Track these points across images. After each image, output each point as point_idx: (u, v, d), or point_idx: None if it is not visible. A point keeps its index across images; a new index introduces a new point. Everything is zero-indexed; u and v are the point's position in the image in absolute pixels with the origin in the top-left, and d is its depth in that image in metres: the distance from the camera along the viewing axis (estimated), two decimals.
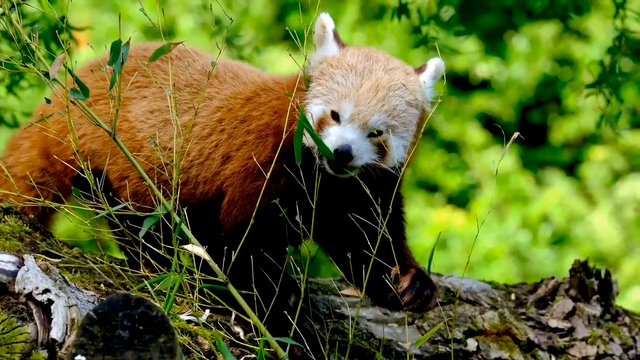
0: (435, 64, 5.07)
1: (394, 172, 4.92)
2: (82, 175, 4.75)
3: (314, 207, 4.77)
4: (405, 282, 4.93)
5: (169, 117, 5.23)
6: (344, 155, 4.79)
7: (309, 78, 4.96)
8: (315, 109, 4.91)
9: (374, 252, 4.79)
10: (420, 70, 5.07)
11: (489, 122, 13.92)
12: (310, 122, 4.86)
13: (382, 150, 4.90)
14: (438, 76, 5.08)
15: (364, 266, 4.83)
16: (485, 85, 14.24)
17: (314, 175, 4.80)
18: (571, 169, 14.27)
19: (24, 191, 5.36)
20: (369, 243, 4.84)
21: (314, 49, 5.05)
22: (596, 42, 13.68)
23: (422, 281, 4.94)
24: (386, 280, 4.92)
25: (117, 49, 4.63)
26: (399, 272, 4.94)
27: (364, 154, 4.85)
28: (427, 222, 12.88)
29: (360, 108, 4.85)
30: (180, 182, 5.03)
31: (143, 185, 5.19)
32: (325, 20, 5.05)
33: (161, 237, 4.72)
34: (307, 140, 4.84)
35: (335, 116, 4.88)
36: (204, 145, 5.18)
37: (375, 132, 4.87)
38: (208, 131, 5.20)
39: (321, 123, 4.89)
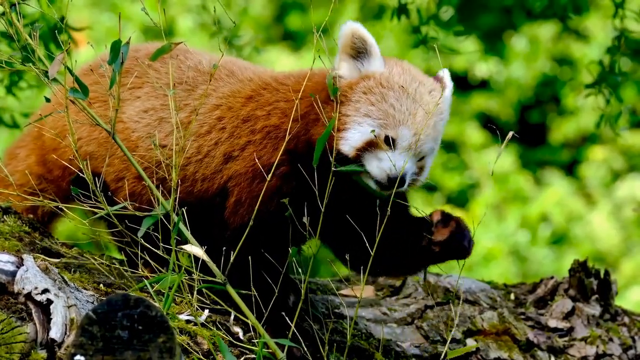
0: (449, 79, 5.15)
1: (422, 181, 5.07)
2: (81, 175, 4.76)
3: (322, 209, 4.79)
4: (441, 235, 5.01)
5: (164, 115, 5.24)
6: (394, 181, 4.85)
7: (336, 85, 4.93)
8: (366, 129, 4.90)
9: (378, 234, 4.80)
10: (440, 84, 5.12)
11: (488, 122, 13.93)
12: (356, 139, 4.88)
13: (421, 169, 5.03)
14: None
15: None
16: (484, 85, 14.25)
17: (326, 177, 4.81)
18: (570, 169, 14.28)
19: (22, 199, 5.36)
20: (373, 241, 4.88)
21: (338, 52, 5.02)
22: (595, 41, 13.69)
23: (461, 233, 5.02)
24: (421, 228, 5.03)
25: (116, 49, 4.63)
26: (439, 218, 5.03)
27: (410, 179, 4.93)
28: None
29: (418, 137, 4.90)
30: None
31: (140, 185, 5.20)
32: (363, 32, 4.98)
33: (160, 237, 4.72)
34: (342, 149, 4.88)
35: (389, 142, 4.89)
36: (202, 142, 5.18)
37: (422, 156, 4.98)
38: (206, 129, 5.19)
39: (371, 145, 4.89)
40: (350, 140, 4.88)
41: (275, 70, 5.50)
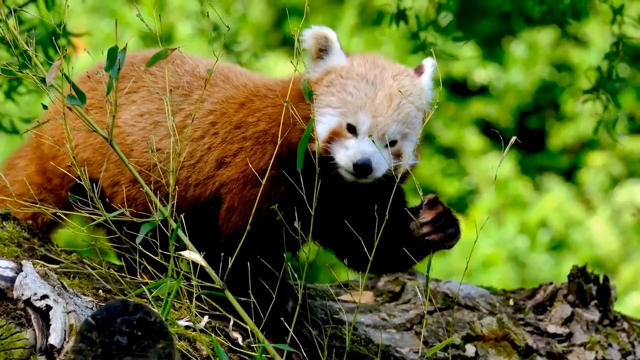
0: (431, 65, 5.11)
1: (407, 174, 4.97)
2: (79, 182, 4.75)
3: (312, 213, 4.78)
4: (428, 215, 4.98)
5: (159, 119, 5.26)
6: (364, 169, 4.82)
7: (310, 88, 4.94)
8: (328, 120, 4.91)
9: (379, 232, 4.80)
10: (418, 71, 5.10)
11: (487, 128, 13.94)
12: (324, 132, 4.89)
13: (398, 157, 4.95)
14: (433, 76, 5.11)
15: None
16: (483, 91, 14.25)
17: (314, 180, 4.81)
18: (569, 175, 14.28)
19: (20, 209, 5.36)
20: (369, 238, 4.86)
21: (309, 57, 5.06)
22: (594, 47, 13.70)
23: (448, 219, 5.00)
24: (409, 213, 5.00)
25: (113, 56, 4.63)
26: (426, 202, 4.99)
27: (382, 164, 4.88)
28: None
29: (378, 120, 4.86)
30: (168, 184, 5.04)
31: (134, 189, 5.21)
32: (326, 31, 5.04)
33: (158, 243, 4.72)
34: (317, 148, 4.85)
35: (352, 129, 4.88)
36: (196, 147, 5.19)
37: (392, 142, 4.91)
38: (200, 133, 5.21)
39: (335, 135, 4.89)
40: (318, 135, 4.89)
41: (272, 76, 5.52)
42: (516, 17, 13.05)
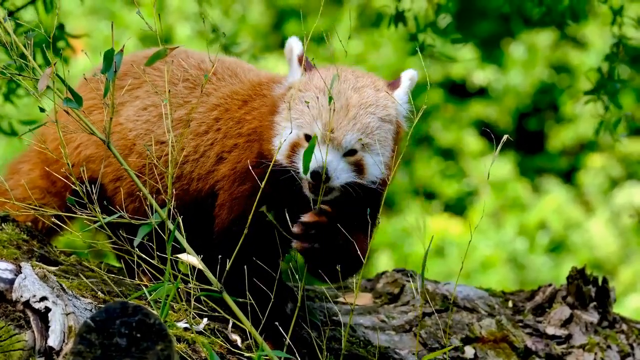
0: (409, 78, 5.07)
1: (374, 187, 4.93)
2: (80, 184, 4.75)
3: (287, 217, 4.80)
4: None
5: (165, 111, 5.26)
6: (320, 176, 4.79)
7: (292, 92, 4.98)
8: (287, 134, 4.90)
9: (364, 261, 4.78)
10: (393, 85, 5.07)
11: (486, 129, 13.94)
12: (285, 147, 4.90)
13: (359, 169, 4.92)
14: (413, 87, 5.08)
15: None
16: (482, 92, 14.25)
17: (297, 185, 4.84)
18: (568, 176, 14.28)
19: (21, 213, 5.37)
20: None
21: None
22: (593, 49, 13.71)
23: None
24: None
25: (109, 58, 4.62)
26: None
27: (341, 174, 4.87)
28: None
29: (331, 128, 4.85)
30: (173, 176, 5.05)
31: None
32: (291, 45, 5.07)
33: (157, 244, 4.71)
34: (283, 160, 4.89)
35: (309, 139, 4.88)
36: (200, 142, 5.22)
37: (351, 151, 4.90)
38: (204, 128, 5.23)
39: (295, 147, 4.90)
40: (280, 148, 4.91)
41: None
42: (515, 18, 13.06)
